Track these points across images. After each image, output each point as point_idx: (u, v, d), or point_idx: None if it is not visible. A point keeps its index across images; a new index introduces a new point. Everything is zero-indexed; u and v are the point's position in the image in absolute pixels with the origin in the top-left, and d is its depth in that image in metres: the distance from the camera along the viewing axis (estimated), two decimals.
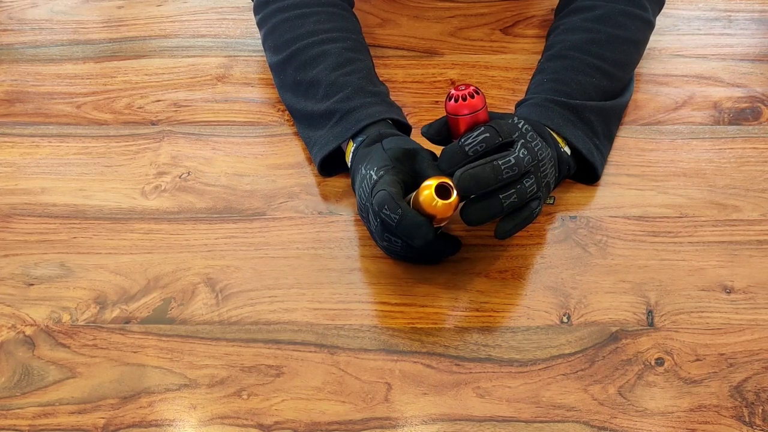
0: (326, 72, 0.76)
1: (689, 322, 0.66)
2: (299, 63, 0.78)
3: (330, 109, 0.74)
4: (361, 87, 0.75)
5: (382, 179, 0.65)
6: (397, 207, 0.62)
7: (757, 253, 0.70)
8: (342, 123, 0.73)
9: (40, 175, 0.78)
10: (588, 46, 0.78)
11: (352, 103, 0.74)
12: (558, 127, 0.71)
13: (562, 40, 0.80)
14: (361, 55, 0.79)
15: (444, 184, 0.63)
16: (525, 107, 0.74)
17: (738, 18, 0.93)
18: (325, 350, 0.64)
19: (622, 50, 0.79)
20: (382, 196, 0.63)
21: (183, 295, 0.68)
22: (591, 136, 0.74)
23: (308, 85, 0.77)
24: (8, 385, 0.63)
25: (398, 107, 0.77)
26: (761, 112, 0.82)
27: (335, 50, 0.78)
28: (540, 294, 0.68)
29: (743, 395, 0.61)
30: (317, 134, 0.76)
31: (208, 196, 0.76)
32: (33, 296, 0.68)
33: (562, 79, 0.76)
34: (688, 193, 0.75)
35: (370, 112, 0.73)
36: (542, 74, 0.78)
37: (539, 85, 0.76)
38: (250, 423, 0.60)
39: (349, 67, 0.76)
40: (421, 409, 0.61)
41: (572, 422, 0.60)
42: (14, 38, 0.93)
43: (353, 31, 0.81)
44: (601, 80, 0.76)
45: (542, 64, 0.79)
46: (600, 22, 0.79)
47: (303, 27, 0.80)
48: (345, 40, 0.79)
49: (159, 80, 0.87)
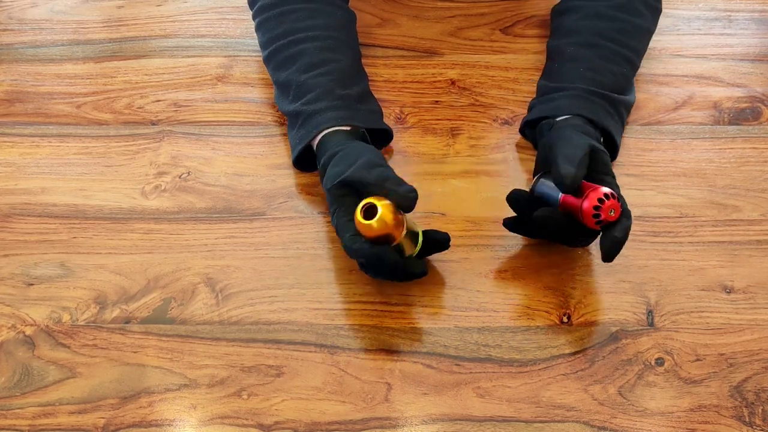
0: (297, 73, 0.76)
1: (689, 322, 0.66)
2: (276, 63, 0.79)
3: (297, 111, 0.75)
4: (330, 90, 0.75)
5: (339, 225, 0.65)
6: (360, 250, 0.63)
7: (757, 253, 0.70)
8: (305, 126, 0.74)
9: (40, 175, 0.78)
10: (617, 36, 0.79)
11: (315, 106, 0.74)
12: (600, 119, 0.73)
13: (590, 27, 0.80)
14: (338, 55, 0.78)
15: (367, 205, 0.62)
16: (567, 99, 0.75)
17: (738, 18, 0.93)
18: (325, 350, 0.64)
19: (642, 39, 0.82)
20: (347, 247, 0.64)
21: (183, 295, 0.68)
22: (621, 128, 0.77)
23: (282, 85, 0.78)
24: (8, 385, 0.63)
25: (367, 110, 0.76)
26: (761, 112, 0.82)
27: (310, 50, 0.77)
28: (540, 294, 0.68)
29: (743, 395, 0.61)
30: (291, 134, 0.77)
31: (208, 196, 0.76)
32: (33, 296, 0.68)
33: (598, 68, 0.77)
34: (688, 193, 0.75)
35: (330, 116, 0.73)
36: (576, 62, 0.78)
37: (574, 72, 0.77)
38: (250, 423, 0.60)
39: (322, 68, 0.76)
40: (421, 409, 0.61)
41: (572, 422, 0.60)
42: (14, 38, 0.93)
43: (334, 27, 0.80)
44: (629, 70, 0.79)
45: (573, 51, 0.79)
46: (623, 11, 0.80)
47: (282, 26, 0.80)
48: (324, 39, 0.78)
49: (159, 80, 0.87)
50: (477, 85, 0.85)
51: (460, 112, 0.83)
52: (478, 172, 0.77)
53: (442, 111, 0.83)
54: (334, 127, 0.72)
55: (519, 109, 0.82)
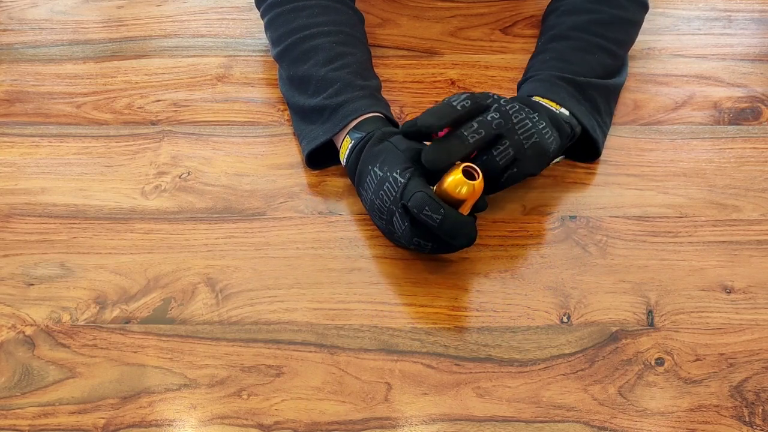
0: (317, 67, 0.77)
1: (689, 322, 0.66)
2: (292, 58, 0.79)
3: (320, 105, 0.75)
4: (350, 82, 0.75)
5: (413, 181, 0.64)
6: (439, 207, 0.62)
7: (757, 253, 0.70)
8: (332, 119, 0.74)
9: (40, 175, 0.78)
10: (590, 26, 0.79)
11: (340, 98, 0.74)
12: (563, 101, 0.73)
13: (564, 21, 0.81)
14: (353, 49, 0.79)
15: (468, 168, 0.64)
16: (529, 83, 0.75)
17: (738, 18, 0.93)
18: (325, 350, 0.64)
19: (623, 30, 0.81)
20: (421, 198, 0.62)
21: (183, 295, 0.68)
22: (593, 113, 0.76)
23: (300, 80, 0.78)
24: (8, 385, 0.63)
25: (386, 102, 0.77)
26: (761, 112, 0.82)
27: (326, 45, 0.78)
28: (540, 294, 0.68)
29: (743, 395, 0.61)
30: (308, 128, 0.76)
31: (208, 196, 0.76)
32: (33, 296, 0.68)
33: (566, 57, 0.77)
34: (688, 193, 0.75)
35: (357, 105, 0.73)
36: (545, 53, 0.79)
37: (542, 63, 0.78)
38: (250, 423, 0.60)
39: (339, 62, 0.77)
40: (421, 409, 0.61)
41: (572, 422, 0.60)
42: (14, 38, 0.93)
43: (346, 24, 0.81)
44: (605, 58, 0.78)
45: (544, 45, 0.80)
46: (601, 3, 0.81)
47: (296, 21, 0.80)
48: (337, 33, 0.79)
49: (159, 80, 0.87)
50: (477, 85, 0.85)
51: None
52: None
53: None
54: (366, 114, 0.72)
55: None
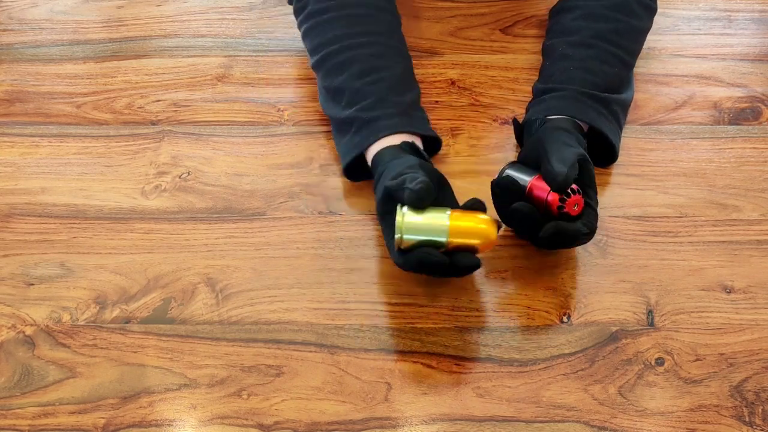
0: (351, 80, 0.76)
1: (689, 322, 0.66)
2: (327, 69, 0.78)
3: (351, 117, 0.74)
4: (383, 97, 0.74)
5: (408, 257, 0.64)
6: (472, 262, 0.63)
7: (757, 253, 0.70)
8: (361, 132, 0.73)
9: (40, 175, 0.78)
10: (611, 36, 0.79)
11: (372, 113, 0.73)
12: (592, 121, 0.73)
13: (585, 28, 0.80)
14: (389, 62, 0.78)
15: (498, 221, 0.65)
16: (558, 99, 0.75)
17: (738, 18, 0.93)
18: (325, 350, 0.64)
19: (637, 40, 0.82)
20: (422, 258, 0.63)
21: (183, 295, 0.68)
22: (617, 128, 0.77)
23: (335, 91, 0.77)
24: (8, 385, 0.63)
25: (421, 117, 0.76)
26: (761, 112, 0.82)
27: (361, 56, 0.77)
28: (540, 294, 0.68)
29: (743, 395, 0.61)
30: (342, 140, 0.76)
31: (208, 196, 0.76)
32: (33, 296, 0.68)
33: (590, 68, 0.77)
34: (688, 193, 0.75)
35: (388, 123, 0.72)
36: (567, 61, 0.78)
37: (565, 72, 0.77)
38: (250, 423, 0.60)
39: (374, 75, 0.76)
40: (421, 408, 0.61)
41: (572, 422, 0.60)
42: (14, 38, 0.93)
43: (383, 33, 0.80)
44: (622, 70, 0.79)
45: (566, 50, 0.79)
46: (618, 11, 0.80)
47: (331, 31, 0.79)
48: (372, 45, 0.78)
49: (159, 80, 0.87)
50: (477, 85, 0.85)
51: (460, 112, 0.83)
52: (479, 172, 0.77)
53: (442, 111, 0.83)
54: (391, 134, 0.72)
55: (519, 109, 0.82)
